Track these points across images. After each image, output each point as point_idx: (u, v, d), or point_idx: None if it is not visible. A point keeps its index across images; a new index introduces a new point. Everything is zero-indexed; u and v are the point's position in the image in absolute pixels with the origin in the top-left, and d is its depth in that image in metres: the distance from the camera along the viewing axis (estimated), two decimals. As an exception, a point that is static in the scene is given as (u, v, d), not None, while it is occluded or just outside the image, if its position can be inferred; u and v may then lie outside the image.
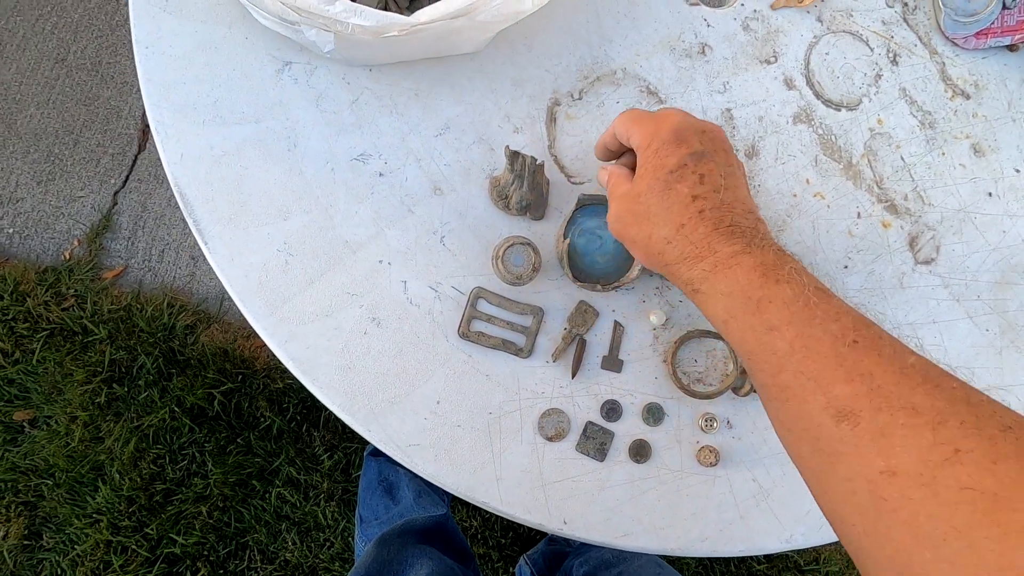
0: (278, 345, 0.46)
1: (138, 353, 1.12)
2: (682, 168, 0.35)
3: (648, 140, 0.36)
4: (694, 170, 0.35)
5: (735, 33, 0.53)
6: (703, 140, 0.36)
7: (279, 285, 0.46)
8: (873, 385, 0.27)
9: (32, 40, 1.22)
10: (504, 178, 0.47)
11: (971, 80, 0.55)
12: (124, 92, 1.22)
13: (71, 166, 1.20)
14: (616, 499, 0.47)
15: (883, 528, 0.25)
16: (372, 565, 0.65)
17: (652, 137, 0.36)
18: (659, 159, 0.35)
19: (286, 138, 0.47)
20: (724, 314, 0.32)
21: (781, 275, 0.31)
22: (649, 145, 0.36)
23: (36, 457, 1.09)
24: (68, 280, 1.15)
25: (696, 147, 0.35)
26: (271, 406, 1.14)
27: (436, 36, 0.44)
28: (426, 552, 0.68)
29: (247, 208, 0.46)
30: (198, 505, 1.09)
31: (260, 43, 0.47)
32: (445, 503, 0.88)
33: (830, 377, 0.27)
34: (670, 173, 0.35)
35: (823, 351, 0.28)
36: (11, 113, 1.20)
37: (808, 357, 0.28)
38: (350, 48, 0.45)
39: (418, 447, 0.46)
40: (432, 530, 0.78)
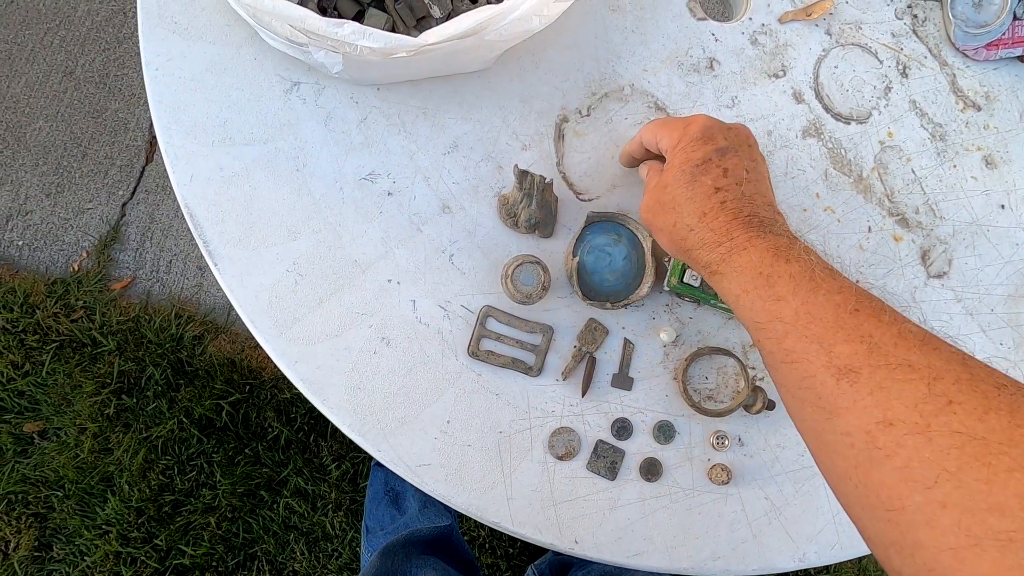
0: (288, 365, 0.46)
1: (146, 364, 1.13)
2: (707, 162, 0.37)
3: (677, 139, 0.39)
4: (718, 164, 0.37)
5: (743, 47, 0.52)
6: (728, 136, 0.38)
7: (289, 305, 0.46)
8: (872, 345, 0.28)
9: (41, 53, 1.23)
10: (513, 196, 0.47)
11: (982, 91, 0.55)
12: (132, 104, 1.23)
13: (79, 178, 1.21)
14: (627, 518, 0.46)
15: (877, 476, 0.26)
16: (377, 575, 0.65)
17: (681, 136, 0.39)
18: (686, 154, 0.38)
19: (295, 158, 0.47)
20: (737, 289, 0.34)
21: (791, 255, 0.33)
22: (678, 143, 0.39)
23: (46, 468, 1.09)
24: (77, 292, 1.16)
25: (721, 143, 0.38)
26: (279, 416, 1.14)
27: (444, 55, 0.44)
28: (430, 563, 0.68)
29: (256, 229, 0.46)
30: (207, 516, 1.09)
31: (269, 64, 0.47)
32: (451, 514, 0.88)
33: (832, 339, 0.29)
34: (696, 166, 0.37)
35: (826, 317, 0.30)
36: (20, 126, 1.21)
37: (812, 322, 0.30)
38: (358, 68, 0.45)
39: (428, 467, 0.46)
40: (437, 541, 0.78)
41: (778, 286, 0.32)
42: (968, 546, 0.22)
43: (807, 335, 0.30)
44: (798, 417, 0.31)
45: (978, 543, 0.21)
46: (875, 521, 0.26)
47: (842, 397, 0.28)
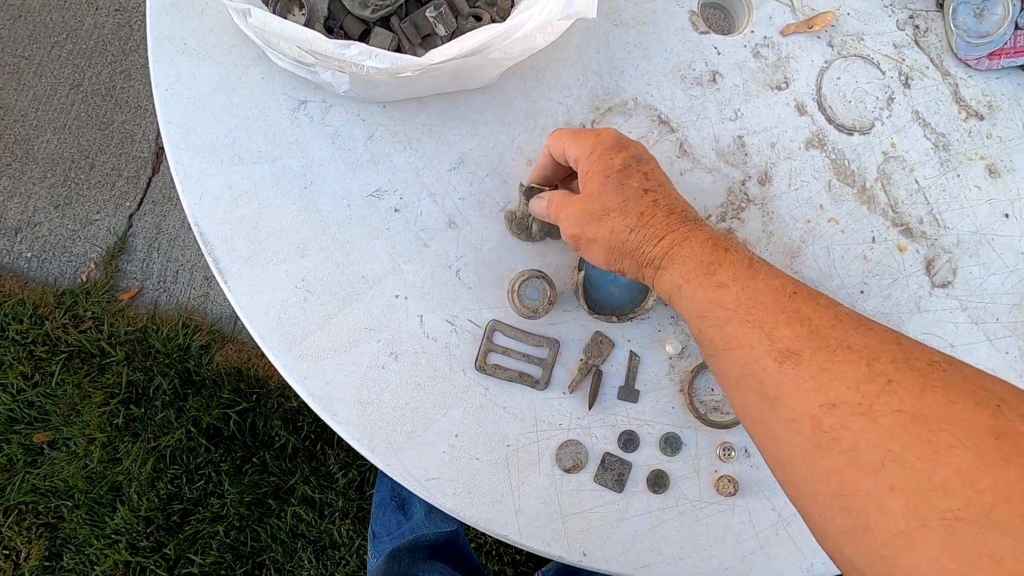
0: (297, 381, 0.46)
1: (154, 374, 1.14)
2: (627, 168, 0.38)
3: (589, 149, 0.39)
4: (638, 169, 0.38)
5: (746, 60, 0.53)
6: (637, 147, 0.40)
7: (298, 322, 0.46)
8: (812, 327, 0.29)
9: (48, 67, 1.24)
10: (520, 211, 0.47)
11: (984, 101, 0.55)
12: (138, 116, 1.24)
13: (87, 190, 1.22)
14: (635, 530, 0.47)
15: (826, 462, 0.25)
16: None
17: (594, 146, 0.39)
18: (604, 162, 0.38)
19: (302, 176, 0.48)
20: (680, 279, 0.35)
21: (729, 245, 0.35)
22: (592, 153, 0.39)
23: (56, 479, 1.10)
24: (85, 302, 1.17)
25: (634, 151, 0.39)
26: (286, 425, 1.14)
27: (449, 74, 0.45)
28: (436, 568, 0.68)
29: (265, 246, 0.47)
30: (215, 525, 1.10)
31: (276, 83, 0.48)
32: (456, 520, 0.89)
33: (773, 322, 0.30)
34: (618, 172, 0.38)
35: (766, 301, 0.31)
36: (29, 139, 1.22)
37: (753, 307, 0.31)
38: (364, 87, 0.45)
39: (437, 480, 0.46)
40: (443, 546, 0.79)
41: (719, 273, 0.33)
42: (916, 528, 0.22)
43: (749, 320, 0.30)
44: (741, 408, 0.31)
45: (925, 524, 0.21)
46: (825, 509, 0.26)
47: (785, 381, 0.28)
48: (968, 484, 0.21)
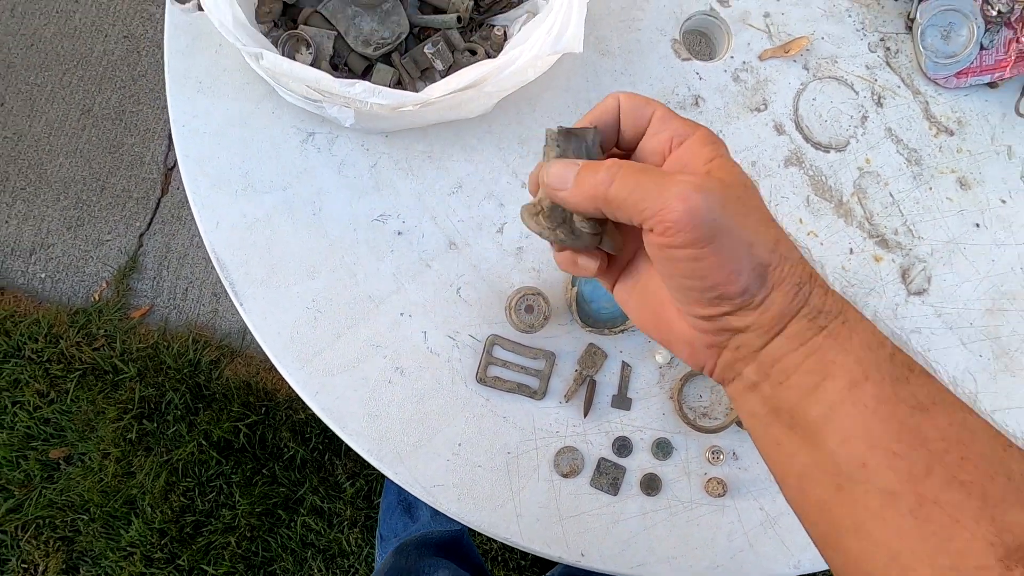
0: (310, 396, 0.49)
1: (166, 389, 1.17)
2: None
3: (711, 139, 0.26)
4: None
5: (726, 84, 0.56)
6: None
7: (309, 340, 0.49)
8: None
9: (60, 94, 1.28)
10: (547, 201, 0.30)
11: (954, 117, 0.58)
12: (147, 139, 1.28)
13: (98, 211, 1.26)
14: (630, 531, 0.49)
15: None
16: (390, 572, 0.67)
17: (717, 142, 0.26)
18: (734, 164, 0.25)
19: (311, 203, 0.51)
20: (858, 371, 0.21)
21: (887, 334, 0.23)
22: (716, 142, 0.26)
23: (72, 493, 1.13)
24: (98, 321, 1.20)
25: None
26: (294, 436, 1.17)
27: (447, 106, 0.48)
28: (442, 564, 0.70)
29: (278, 270, 0.50)
30: (227, 535, 1.13)
31: (285, 117, 0.51)
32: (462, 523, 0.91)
33: (998, 494, 0.18)
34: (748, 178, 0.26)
35: (984, 453, 0.19)
36: (42, 163, 1.26)
37: (966, 458, 0.19)
38: (368, 120, 0.49)
39: (442, 487, 0.49)
40: (448, 544, 0.81)
41: (914, 383, 0.21)
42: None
43: (962, 480, 0.19)
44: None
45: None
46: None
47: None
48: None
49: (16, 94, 1.28)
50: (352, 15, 0.50)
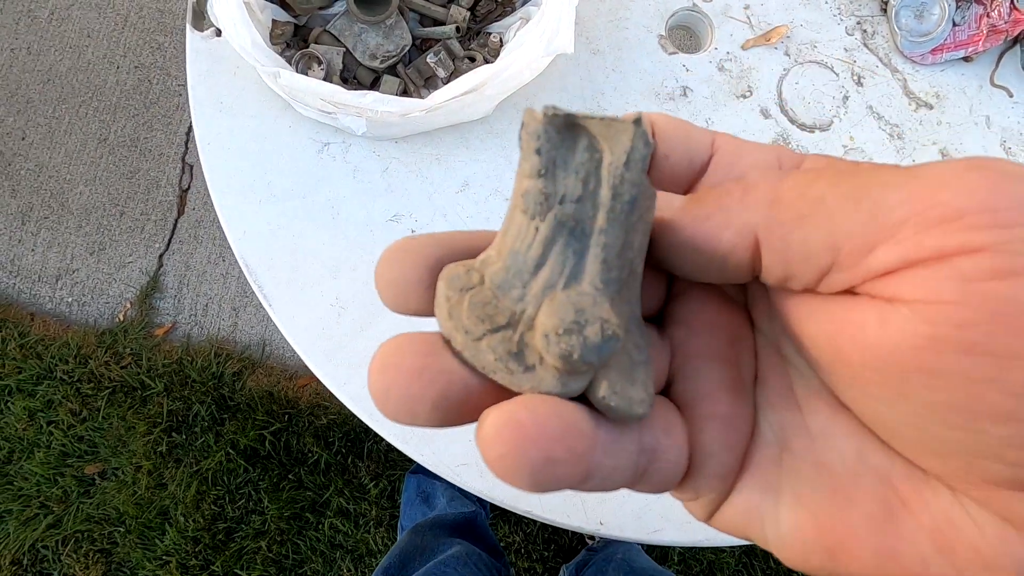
0: (337, 387, 0.52)
1: (192, 402, 1.21)
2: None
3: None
4: None
5: (712, 75, 0.59)
6: None
7: (334, 335, 0.53)
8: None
9: (77, 125, 1.34)
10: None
11: (932, 92, 0.61)
12: (161, 163, 1.33)
13: (119, 235, 1.31)
14: (645, 499, 0.52)
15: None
16: (407, 549, 0.70)
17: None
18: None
19: (330, 207, 0.55)
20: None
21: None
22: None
23: (107, 507, 1.17)
24: (124, 340, 1.25)
25: None
26: (317, 441, 1.21)
27: (450, 110, 0.52)
28: (457, 542, 0.73)
29: (302, 271, 0.53)
30: (258, 540, 1.16)
31: (302, 130, 0.55)
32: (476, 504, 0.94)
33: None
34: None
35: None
36: (63, 192, 1.32)
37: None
38: (379, 128, 0.53)
39: (466, 466, 0.52)
40: (463, 525, 0.84)
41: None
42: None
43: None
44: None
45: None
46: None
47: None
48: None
49: (36, 127, 1.34)
50: (358, 32, 0.54)
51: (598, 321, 0.12)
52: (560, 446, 0.11)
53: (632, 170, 0.12)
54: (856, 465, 0.13)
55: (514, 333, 0.12)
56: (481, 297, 0.13)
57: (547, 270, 0.12)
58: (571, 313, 0.12)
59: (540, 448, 0.11)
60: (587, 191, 0.12)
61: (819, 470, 0.13)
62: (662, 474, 0.13)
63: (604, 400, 0.12)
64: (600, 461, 0.12)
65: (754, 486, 0.13)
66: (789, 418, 0.14)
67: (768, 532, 0.13)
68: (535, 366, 0.12)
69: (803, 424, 0.13)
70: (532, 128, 0.13)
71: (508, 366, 0.12)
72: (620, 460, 0.12)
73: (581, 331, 0.11)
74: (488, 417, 0.11)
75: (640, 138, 0.12)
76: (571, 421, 0.11)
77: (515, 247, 0.13)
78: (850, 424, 0.13)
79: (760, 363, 0.15)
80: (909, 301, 0.11)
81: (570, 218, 0.12)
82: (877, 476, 0.12)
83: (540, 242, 0.12)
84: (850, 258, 0.11)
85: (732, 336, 0.14)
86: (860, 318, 0.12)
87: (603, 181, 0.12)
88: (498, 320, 0.12)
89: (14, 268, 1.30)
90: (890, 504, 0.12)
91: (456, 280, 0.13)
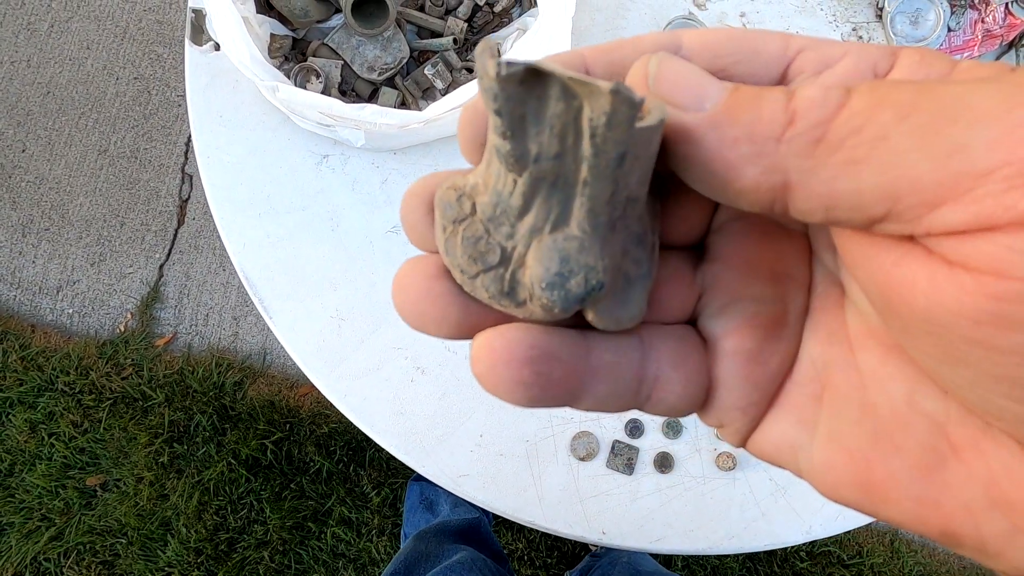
0: (338, 399, 0.53)
1: (194, 412, 1.21)
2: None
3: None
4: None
5: (708, 82, 0.60)
6: None
7: (335, 347, 0.53)
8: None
9: (77, 136, 1.34)
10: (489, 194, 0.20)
11: (928, 97, 0.61)
12: (161, 174, 1.34)
13: (119, 246, 1.31)
14: (647, 508, 0.52)
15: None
16: (412, 555, 0.70)
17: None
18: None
19: (329, 219, 0.55)
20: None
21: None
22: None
23: (110, 518, 1.17)
24: (125, 351, 1.25)
25: None
26: (319, 450, 1.21)
27: (449, 122, 0.52)
28: (461, 548, 0.73)
29: (302, 283, 0.54)
30: (260, 550, 1.16)
31: (300, 142, 0.55)
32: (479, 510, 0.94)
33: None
34: None
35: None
36: (63, 204, 1.32)
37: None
38: (377, 140, 0.53)
39: (467, 477, 0.52)
40: (466, 531, 0.83)
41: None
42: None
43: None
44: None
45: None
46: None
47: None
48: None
49: (36, 140, 1.34)
50: (356, 44, 0.54)
51: (583, 271, 0.12)
52: (528, 369, 0.12)
53: (616, 129, 0.11)
54: (906, 409, 0.12)
55: (506, 272, 0.12)
56: (473, 231, 0.13)
57: (531, 216, 0.12)
58: (556, 263, 0.12)
59: (510, 371, 0.12)
60: (565, 146, 0.11)
61: (864, 411, 0.12)
62: (666, 403, 0.13)
63: (594, 323, 0.13)
64: (589, 385, 0.12)
65: (787, 419, 0.13)
66: (837, 355, 0.13)
67: (802, 464, 0.13)
68: (526, 301, 0.12)
69: (852, 362, 0.13)
70: (487, 85, 0.11)
71: (501, 303, 0.13)
72: (617, 385, 0.13)
73: (564, 283, 0.12)
74: (476, 340, 0.12)
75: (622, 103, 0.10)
76: (544, 348, 0.12)
77: (498, 188, 0.12)
78: (905, 366, 0.12)
79: (815, 295, 0.14)
80: (973, 270, 0.09)
81: (549, 173, 0.11)
82: (929, 422, 0.12)
83: (520, 194, 0.12)
84: (910, 211, 0.10)
85: (775, 272, 0.14)
86: (911, 275, 0.10)
87: (583, 134, 0.11)
88: (490, 259, 0.12)
89: (15, 280, 1.30)
90: (940, 451, 0.11)
91: (449, 209, 0.13)
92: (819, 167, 0.10)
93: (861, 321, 0.13)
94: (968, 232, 0.09)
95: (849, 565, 1.18)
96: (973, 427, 0.11)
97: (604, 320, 0.12)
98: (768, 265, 0.14)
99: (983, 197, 0.09)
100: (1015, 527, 0.11)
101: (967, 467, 0.11)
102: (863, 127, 0.10)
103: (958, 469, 0.11)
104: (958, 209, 0.09)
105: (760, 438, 0.14)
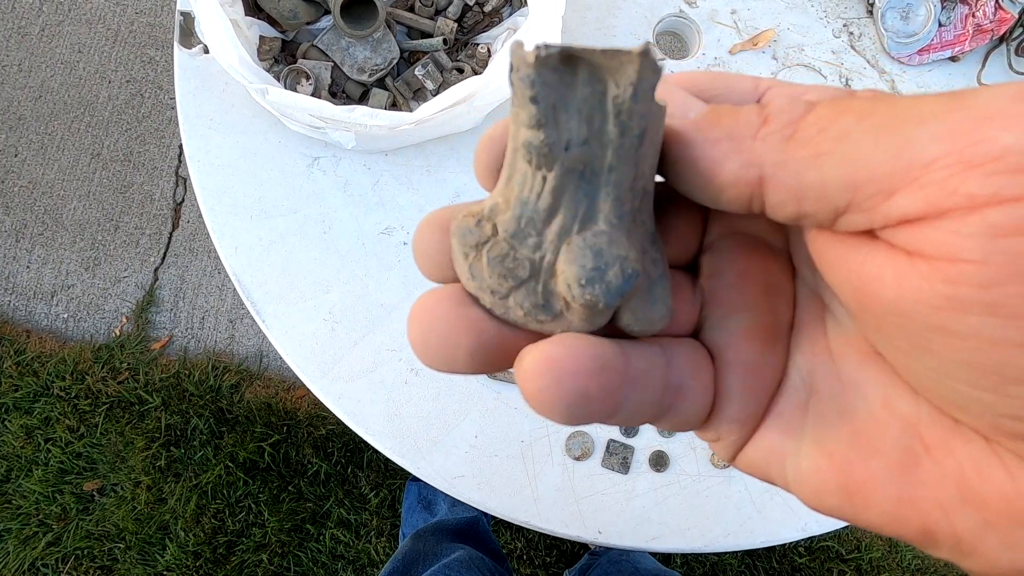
0: (332, 401, 0.52)
1: (190, 416, 1.21)
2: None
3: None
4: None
5: (700, 80, 0.59)
6: None
7: (328, 349, 0.53)
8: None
9: (69, 140, 1.34)
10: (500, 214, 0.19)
11: (920, 92, 0.61)
12: (155, 177, 1.33)
13: (114, 250, 1.30)
14: (643, 506, 0.52)
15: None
16: (410, 555, 0.70)
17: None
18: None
19: (321, 222, 0.55)
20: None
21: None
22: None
23: (107, 523, 1.17)
24: (121, 355, 1.24)
25: None
26: (317, 452, 1.20)
27: (440, 122, 0.52)
28: (459, 547, 0.73)
29: (294, 286, 0.53)
30: (258, 553, 1.16)
31: (291, 145, 0.55)
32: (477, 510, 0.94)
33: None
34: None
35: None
36: (57, 208, 1.31)
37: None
38: (368, 141, 0.53)
39: (462, 478, 0.52)
40: (465, 529, 0.83)
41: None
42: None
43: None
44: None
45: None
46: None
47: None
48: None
49: (28, 144, 1.34)
50: (346, 46, 0.54)
51: (617, 262, 0.12)
52: (594, 381, 0.11)
53: (641, 101, 0.11)
54: (882, 412, 0.12)
55: (537, 284, 0.12)
56: (498, 251, 0.12)
57: (561, 216, 0.12)
58: (590, 259, 0.12)
59: (576, 383, 0.11)
60: (593, 130, 0.12)
61: (843, 416, 0.13)
62: (685, 413, 0.13)
63: (628, 326, 0.12)
64: (628, 395, 0.12)
65: (777, 430, 0.14)
66: (820, 364, 0.14)
67: (789, 474, 0.13)
68: (562, 312, 0.12)
69: (834, 370, 0.13)
70: (524, 74, 0.11)
71: (537, 318, 0.12)
72: (647, 395, 0.12)
73: (603, 277, 0.12)
74: (527, 356, 0.12)
75: (648, 67, 0.11)
76: (604, 358, 0.12)
77: (523, 196, 0.12)
78: (880, 371, 0.13)
79: (798, 309, 0.15)
80: (929, 257, 0.10)
81: (578, 162, 0.12)
82: (903, 423, 0.12)
83: (550, 192, 0.12)
84: (868, 200, 0.10)
85: (766, 285, 0.14)
86: (877, 271, 0.11)
87: (608, 115, 0.12)
88: (520, 273, 0.12)
89: (9, 285, 1.30)
90: (913, 451, 0.12)
91: (469, 235, 0.13)
92: (790, 160, 0.11)
93: (840, 332, 0.14)
94: (920, 220, 0.10)
95: (848, 560, 1.18)
96: (943, 427, 0.12)
97: (639, 320, 0.13)
98: (761, 277, 0.14)
99: (928, 184, 0.10)
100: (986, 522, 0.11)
101: (939, 466, 0.12)
102: (827, 127, 0.11)
103: (931, 468, 0.12)
104: (909, 196, 0.10)
105: (750, 451, 0.14)
